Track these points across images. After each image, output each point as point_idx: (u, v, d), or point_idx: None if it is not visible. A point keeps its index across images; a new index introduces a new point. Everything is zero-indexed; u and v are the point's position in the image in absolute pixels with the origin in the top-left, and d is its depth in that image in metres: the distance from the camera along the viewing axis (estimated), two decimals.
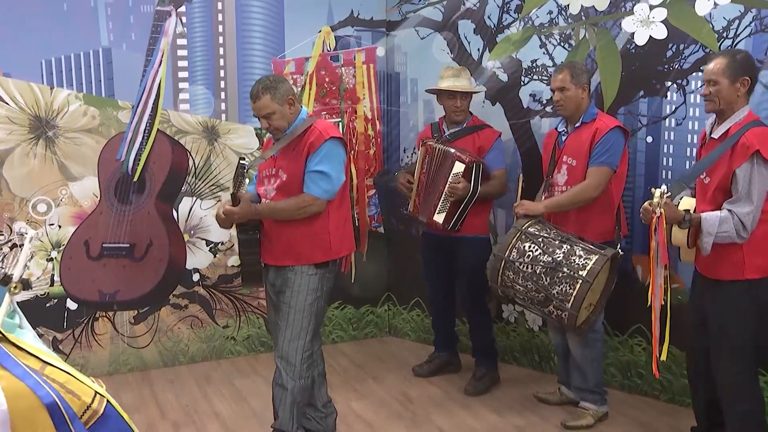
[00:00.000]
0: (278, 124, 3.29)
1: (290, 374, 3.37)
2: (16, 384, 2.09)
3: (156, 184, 4.52)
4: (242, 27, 4.64)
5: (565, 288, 3.42)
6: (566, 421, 3.84)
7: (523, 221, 3.65)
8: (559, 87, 3.74)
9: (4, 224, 4.22)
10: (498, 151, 4.23)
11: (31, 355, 2.27)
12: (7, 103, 4.14)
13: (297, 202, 3.27)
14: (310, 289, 3.35)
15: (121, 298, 4.53)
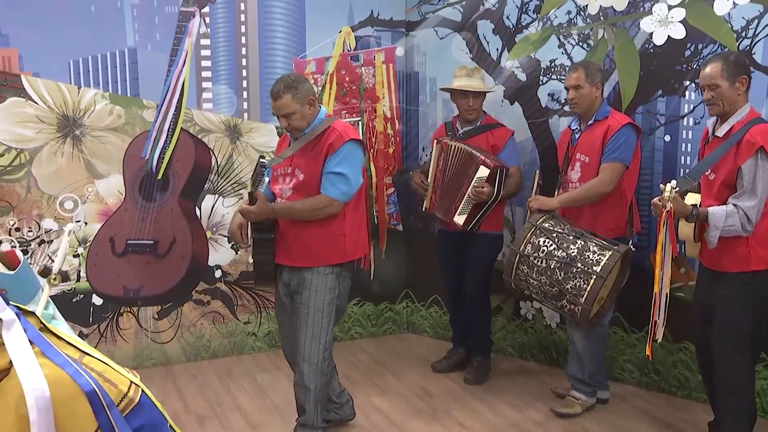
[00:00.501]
0: (297, 124, 3.33)
1: (313, 374, 3.43)
2: (57, 372, 2.17)
3: (179, 181, 4.60)
4: (264, 27, 4.72)
5: (579, 283, 3.47)
6: (556, 408, 3.95)
7: (537, 216, 3.71)
8: (574, 85, 3.80)
9: (33, 221, 4.31)
10: (511, 150, 4.29)
11: (69, 345, 2.34)
12: (36, 102, 4.23)
13: (314, 203, 3.30)
14: (328, 288, 3.40)
15: (145, 294, 4.62)
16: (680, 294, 3.92)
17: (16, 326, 2.18)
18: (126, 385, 2.30)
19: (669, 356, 4.08)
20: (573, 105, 3.85)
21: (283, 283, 3.48)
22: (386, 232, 5.19)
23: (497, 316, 4.81)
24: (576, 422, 3.85)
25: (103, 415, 2.19)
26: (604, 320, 3.85)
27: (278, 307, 3.62)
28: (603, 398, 4.06)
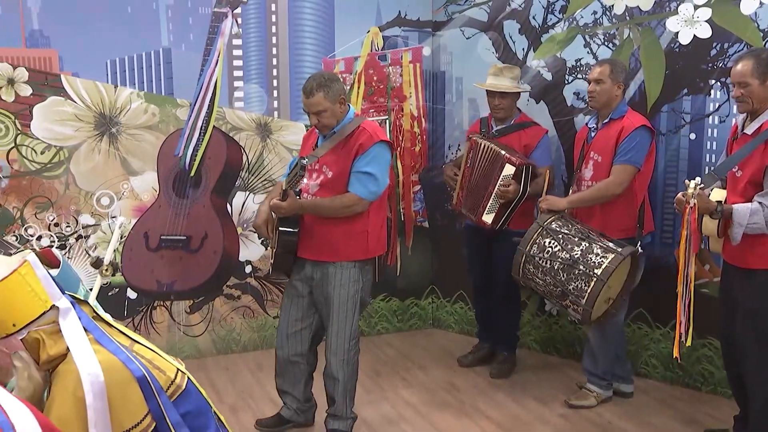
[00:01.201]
0: (328, 122, 3.41)
1: (340, 365, 3.54)
2: (110, 358, 2.27)
3: (211, 178, 4.71)
4: (294, 28, 4.82)
5: (581, 285, 3.55)
6: (570, 399, 4.03)
7: (545, 216, 3.78)
8: (597, 79, 3.85)
9: (71, 216, 4.43)
10: (543, 149, 4.34)
11: (120, 333, 2.45)
12: (74, 101, 4.35)
13: (343, 201, 3.38)
14: (352, 281, 3.49)
15: (177, 288, 4.73)
16: (705, 290, 3.97)
17: (71, 314, 2.30)
18: (173, 372, 2.41)
19: (693, 351, 4.13)
20: (591, 98, 3.91)
21: (305, 276, 3.57)
22: (412, 229, 5.27)
23: (522, 312, 4.88)
24: (600, 415, 3.93)
25: (153, 400, 2.30)
26: (617, 318, 3.90)
27: (289, 296, 3.68)
28: (627, 392, 4.13)
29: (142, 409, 2.28)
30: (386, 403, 4.11)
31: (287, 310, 3.67)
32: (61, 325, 2.27)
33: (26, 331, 2.21)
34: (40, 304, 2.21)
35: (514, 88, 4.36)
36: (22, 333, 2.21)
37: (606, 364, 4.01)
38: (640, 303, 4.24)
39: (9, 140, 4.24)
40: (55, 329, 2.26)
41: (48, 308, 2.23)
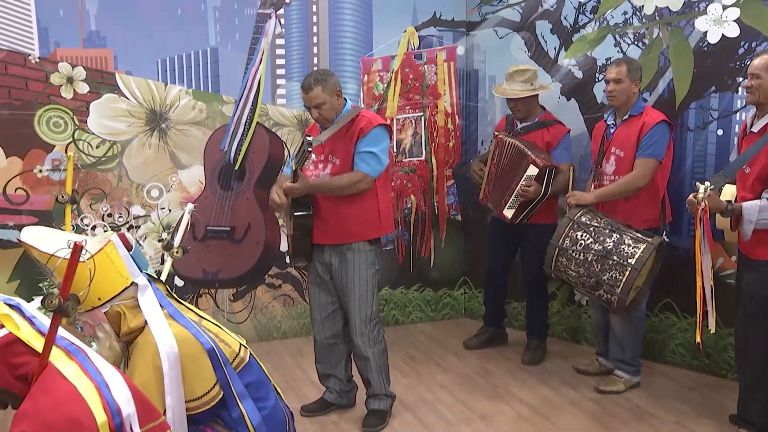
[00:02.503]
0: (327, 114, 3.61)
1: (366, 344, 3.73)
2: (183, 332, 2.49)
3: (255, 172, 4.92)
4: (334, 28, 5.02)
5: (615, 275, 3.72)
6: (599, 385, 4.19)
7: (575, 211, 3.96)
8: (615, 78, 4.02)
9: (123, 207, 4.67)
10: (564, 148, 4.49)
11: (189, 310, 2.67)
12: (128, 98, 4.59)
13: (351, 178, 3.59)
14: (369, 263, 3.70)
15: (222, 277, 4.95)
16: (731, 281, 4.12)
17: (149, 291, 2.53)
18: (237, 346, 2.63)
19: (719, 340, 4.28)
20: (611, 98, 4.08)
21: (323, 262, 3.75)
22: (446, 222, 5.46)
23: (552, 302, 5.05)
24: (628, 399, 4.08)
25: (220, 370, 2.52)
26: (640, 305, 4.09)
27: (314, 282, 3.86)
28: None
29: (211, 378, 2.49)
30: (422, 387, 4.30)
31: (316, 297, 3.87)
32: (140, 300, 2.49)
33: (109, 305, 2.44)
34: (122, 281, 2.43)
35: (524, 93, 4.45)
36: (106, 307, 2.44)
37: (634, 348, 4.18)
38: (667, 293, 4.41)
39: (67, 135, 4.49)
40: (134, 304, 2.49)
41: (129, 284, 2.46)
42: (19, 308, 2.05)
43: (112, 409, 1.95)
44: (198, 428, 2.51)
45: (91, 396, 1.93)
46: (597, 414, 3.92)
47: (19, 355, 1.96)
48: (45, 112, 4.43)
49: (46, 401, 1.86)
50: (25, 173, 4.44)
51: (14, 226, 4.44)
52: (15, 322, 1.99)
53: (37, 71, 4.38)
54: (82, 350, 2.08)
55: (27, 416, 1.83)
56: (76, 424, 1.85)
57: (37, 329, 2.02)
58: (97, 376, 2.01)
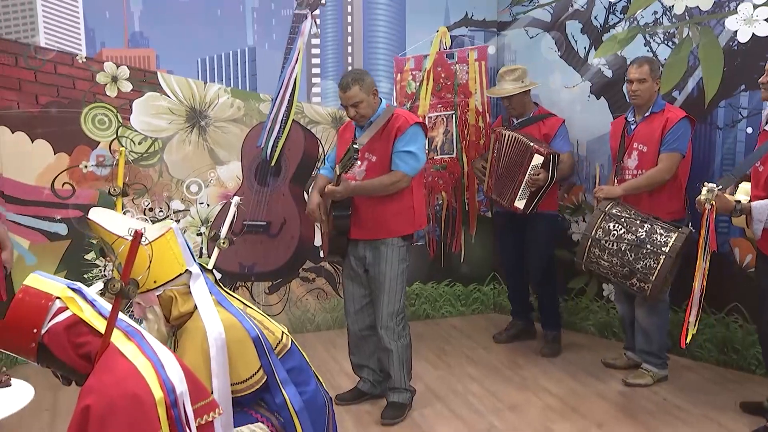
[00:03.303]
0: (364, 112, 3.71)
1: (391, 337, 3.84)
2: (230, 318, 2.63)
3: (290, 168, 5.06)
4: (368, 28, 5.15)
5: (650, 263, 3.81)
6: (627, 378, 4.28)
7: (605, 203, 4.06)
8: (639, 78, 4.13)
9: (163, 202, 4.84)
10: (562, 137, 4.70)
11: (234, 298, 2.80)
12: (169, 96, 4.75)
13: (390, 179, 3.69)
14: (401, 259, 3.81)
15: (258, 270, 5.10)
16: None
17: (200, 279, 2.66)
18: (280, 333, 2.77)
19: (747, 336, 4.33)
20: (635, 97, 4.18)
21: (358, 256, 3.86)
22: (476, 218, 5.57)
23: (581, 297, 5.14)
24: (656, 393, 4.16)
25: (264, 357, 2.65)
26: (665, 296, 4.19)
27: (348, 276, 3.98)
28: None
29: (255, 363, 2.62)
30: (453, 378, 4.41)
31: (350, 290, 3.98)
32: (191, 287, 2.63)
33: (162, 289, 2.58)
34: (178, 267, 2.57)
35: (513, 90, 4.63)
36: (159, 290, 2.58)
37: (660, 340, 4.28)
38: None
39: (111, 132, 4.67)
40: (185, 290, 2.63)
41: (183, 271, 2.59)
42: (81, 292, 2.19)
43: (168, 387, 2.09)
44: (243, 410, 2.64)
45: (149, 374, 2.07)
46: (624, 406, 4.00)
47: (82, 335, 2.10)
48: (91, 110, 4.61)
49: (108, 378, 2.00)
50: (72, 169, 4.62)
51: (61, 220, 4.63)
52: (78, 304, 2.13)
53: (83, 71, 4.56)
54: (139, 332, 2.22)
55: (92, 391, 1.97)
56: (136, 399, 1.99)
57: (98, 311, 2.16)
58: (153, 356, 2.15)
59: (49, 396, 4.07)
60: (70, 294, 2.15)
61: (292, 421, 2.66)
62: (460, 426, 3.78)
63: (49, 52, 4.48)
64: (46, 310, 2.08)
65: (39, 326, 2.07)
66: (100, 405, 1.95)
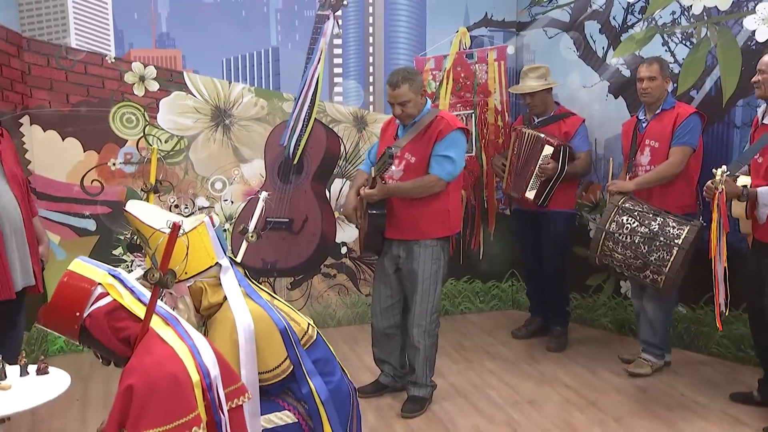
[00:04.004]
0: (410, 112, 3.76)
1: (421, 335, 3.91)
2: (258, 309, 2.72)
3: (312, 166, 5.16)
4: (389, 28, 5.24)
5: (663, 255, 3.90)
6: (628, 368, 4.40)
7: (618, 198, 4.14)
8: (650, 77, 4.24)
9: (189, 199, 4.95)
10: (582, 136, 4.77)
11: (262, 290, 2.89)
12: (194, 95, 4.86)
13: (424, 182, 3.74)
14: (434, 259, 3.86)
15: (280, 266, 5.20)
16: None
17: (230, 271, 2.76)
18: (306, 324, 2.86)
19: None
20: (645, 95, 4.28)
21: (392, 255, 3.93)
22: (495, 216, 5.64)
23: (598, 294, 5.20)
24: (673, 387, 4.21)
25: (291, 347, 2.74)
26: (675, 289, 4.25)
27: (379, 276, 4.05)
28: (667, 361, 4.51)
29: (282, 353, 2.71)
30: (472, 372, 4.49)
31: (378, 289, 4.05)
32: (222, 279, 2.73)
33: (193, 280, 2.67)
34: (209, 260, 2.67)
35: (538, 87, 4.72)
36: (190, 281, 2.68)
37: (663, 334, 4.39)
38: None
39: (138, 130, 4.78)
40: (215, 282, 2.72)
41: (213, 264, 2.69)
42: (120, 278, 2.30)
43: (204, 371, 2.19)
44: (270, 399, 2.73)
45: (187, 358, 2.17)
46: (642, 400, 4.06)
47: (122, 320, 2.21)
48: (119, 109, 4.73)
49: (149, 359, 2.10)
50: (100, 166, 4.74)
51: (90, 216, 4.76)
52: (118, 291, 2.24)
53: (112, 70, 4.68)
54: (175, 318, 2.33)
55: (134, 372, 2.07)
56: (175, 380, 2.09)
57: (137, 298, 2.27)
58: (189, 341, 2.25)
59: (80, 386, 4.19)
60: (111, 281, 2.25)
61: (317, 410, 2.74)
62: (480, 419, 3.86)
63: (79, 52, 4.60)
64: (88, 295, 2.19)
65: (81, 310, 2.19)
66: (142, 384, 2.06)
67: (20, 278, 3.27)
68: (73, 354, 4.80)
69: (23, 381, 2.81)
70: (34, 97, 4.55)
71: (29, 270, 3.33)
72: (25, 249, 3.31)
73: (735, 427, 3.73)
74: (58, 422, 3.83)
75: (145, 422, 2.04)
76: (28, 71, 4.52)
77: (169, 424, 2.07)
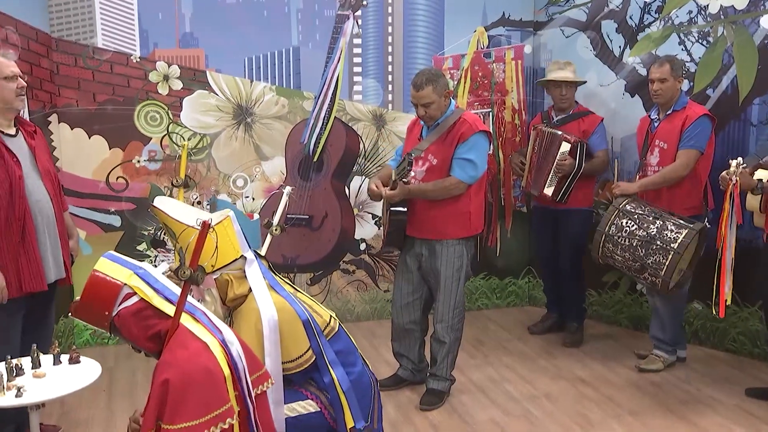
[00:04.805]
0: (433, 113, 3.81)
1: (445, 330, 3.97)
2: (282, 301, 2.81)
3: (332, 164, 5.25)
4: (408, 28, 5.31)
5: (659, 258, 3.94)
6: (640, 364, 4.45)
7: (620, 200, 4.20)
8: (661, 78, 4.26)
9: (211, 195, 5.05)
10: (600, 134, 4.82)
11: (286, 283, 2.98)
12: (217, 94, 4.96)
13: (444, 185, 3.79)
14: (457, 257, 3.91)
15: (300, 262, 5.29)
16: None
17: (254, 264, 2.84)
18: (328, 316, 2.94)
19: None
20: (657, 96, 4.31)
21: (414, 253, 4.00)
22: (512, 213, 5.70)
23: (614, 291, 5.25)
24: (689, 383, 4.25)
25: (313, 338, 2.82)
26: (684, 288, 4.29)
27: (400, 272, 4.11)
28: (681, 357, 4.55)
29: (305, 343, 2.80)
30: (490, 367, 4.56)
31: (400, 285, 4.12)
32: (246, 271, 2.82)
33: (219, 273, 2.76)
34: (234, 253, 2.76)
35: (577, 78, 4.85)
36: (216, 274, 2.77)
37: (674, 331, 4.44)
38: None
39: (162, 128, 4.89)
40: (240, 275, 2.81)
41: (238, 257, 2.78)
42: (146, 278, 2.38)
43: (235, 363, 2.27)
44: (293, 388, 2.81)
45: (218, 351, 2.25)
46: (658, 395, 4.11)
47: (149, 319, 2.30)
48: (143, 107, 4.83)
49: (183, 354, 2.19)
50: (125, 163, 4.85)
51: (115, 212, 4.87)
52: (145, 291, 2.32)
53: (137, 70, 4.79)
54: (204, 312, 2.42)
55: (170, 366, 2.16)
56: (209, 373, 2.18)
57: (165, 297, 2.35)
58: (219, 335, 2.33)
59: (106, 377, 4.29)
60: (136, 282, 2.34)
61: (338, 399, 2.82)
62: (497, 412, 3.92)
63: (106, 52, 4.71)
64: (114, 296, 2.28)
65: (110, 310, 2.28)
66: (177, 378, 2.14)
67: (53, 271, 3.37)
68: (98, 347, 4.92)
69: (56, 369, 2.92)
70: (62, 96, 4.67)
71: (61, 263, 3.44)
72: (57, 243, 3.41)
73: (750, 421, 3.77)
74: (85, 412, 3.94)
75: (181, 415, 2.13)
76: (56, 71, 4.64)
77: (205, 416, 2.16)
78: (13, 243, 3.20)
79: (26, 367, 2.88)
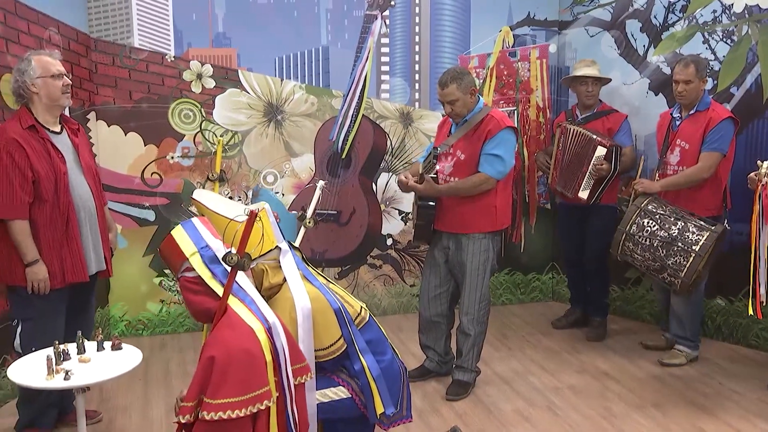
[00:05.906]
0: (459, 110, 3.90)
1: (471, 323, 4.07)
2: (315, 291, 2.92)
3: (360, 161, 5.36)
4: (435, 28, 5.41)
5: (680, 260, 4.00)
6: (662, 359, 4.52)
7: (642, 199, 4.25)
8: (685, 80, 4.30)
9: (242, 191, 5.18)
10: (625, 132, 4.88)
11: (318, 274, 3.09)
12: (248, 92, 5.09)
13: (474, 182, 3.87)
14: (483, 251, 4.00)
15: (328, 257, 5.41)
16: None
17: (288, 255, 2.96)
18: (359, 306, 3.04)
19: None
20: (681, 97, 4.35)
21: (442, 246, 4.09)
22: (536, 210, 5.78)
23: (636, 287, 5.31)
24: (711, 377, 4.31)
25: (345, 329, 2.93)
26: (700, 287, 4.36)
27: (428, 265, 4.21)
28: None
29: (337, 332, 2.91)
30: (514, 360, 4.65)
31: (427, 278, 4.22)
32: (281, 262, 2.94)
33: (255, 263, 2.88)
34: (269, 243, 2.88)
35: (602, 75, 4.91)
36: (253, 263, 2.88)
37: (693, 327, 4.50)
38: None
39: (195, 125, 5.03)
40: (275, 265, 2.93)
41: (273, 247, 2.90)
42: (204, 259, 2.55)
43: (278, 350, 2.40)
44: (326, 375, 2.93)
45: (263, 337, 2.38)
46: (681, 389, 4.17)
47: (201, 294, 2.46)
48: (177, 105, 4.98)
49: (230, 334, 2.33)
50: (160, 159, 5.00)
51: (149, 207, 5.02)
52: (201, 271, 2.48)
53: (172, 69, 4.93)
54: (252, 298, 2.54)
55: (216, 344, 2.30)
56: (251, 355, 2.31)
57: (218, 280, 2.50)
58: (264, 321, 2.46)
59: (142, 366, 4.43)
60: (196, 260, 2.50)
61: (368, 386, 2.92)
62: (521, 403, 4.01)
63: (141, 52, 4.86)
64: (179, 264, 2.48)
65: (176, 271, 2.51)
66: (222, 356, 2.27)
67: (93, 263, 3.52)
68: (133, 337, 5.08)
69: (100, 355, 3.06)
70: (100, 95, 4.83)
71: (101, 256, 3.58)
72: (98, 236, 3.55)
73: None
74: (123, 399, 4.09)
75: (222, 391, 2.26)
76: (95, 70, 4.80)
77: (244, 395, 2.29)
78: (57, 236, 3.34)
79: (72, 353, 3.03)
